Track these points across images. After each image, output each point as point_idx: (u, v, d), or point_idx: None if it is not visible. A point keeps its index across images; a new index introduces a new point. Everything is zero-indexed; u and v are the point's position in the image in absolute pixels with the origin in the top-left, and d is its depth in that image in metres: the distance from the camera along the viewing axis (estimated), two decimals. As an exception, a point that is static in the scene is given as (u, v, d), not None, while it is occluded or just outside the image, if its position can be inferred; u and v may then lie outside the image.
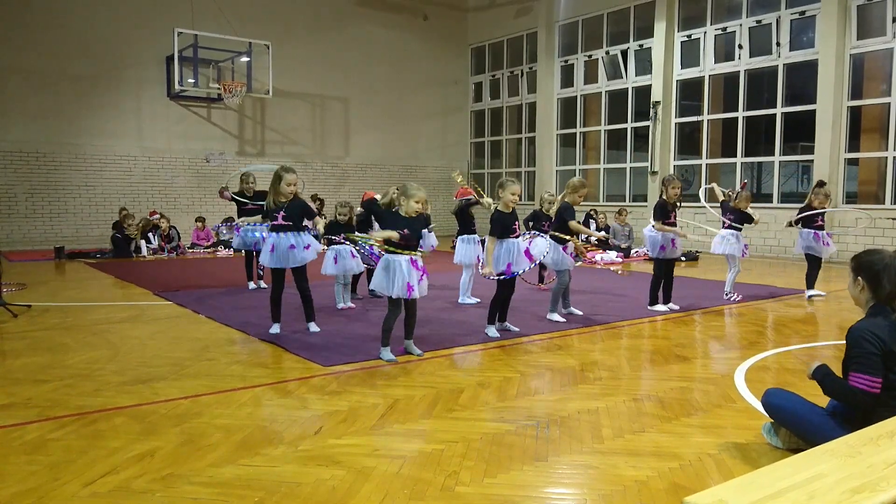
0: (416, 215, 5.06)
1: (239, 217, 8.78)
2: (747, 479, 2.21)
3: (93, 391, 4.31)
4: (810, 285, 8.53)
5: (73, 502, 2.77)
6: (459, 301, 7.77)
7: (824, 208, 8.46)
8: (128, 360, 5.13)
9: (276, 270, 5.99)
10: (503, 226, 5.87)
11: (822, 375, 3.13)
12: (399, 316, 5.13)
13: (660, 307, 7.46)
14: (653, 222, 7.46)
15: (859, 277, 3.15)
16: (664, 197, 7.47)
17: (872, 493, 2.10)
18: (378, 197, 7.70)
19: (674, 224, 7.41)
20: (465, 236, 7.65)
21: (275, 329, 6.01)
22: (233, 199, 8.91)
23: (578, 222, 6.99)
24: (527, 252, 6.09)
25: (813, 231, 8.44)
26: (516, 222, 6.00)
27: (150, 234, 14.11)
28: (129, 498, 2.81)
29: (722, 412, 3.97)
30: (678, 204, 7.56)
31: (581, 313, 7.08)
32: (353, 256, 7.18)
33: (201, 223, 15.15)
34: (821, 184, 8.63)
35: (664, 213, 7.38)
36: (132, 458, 3.22)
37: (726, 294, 8.28)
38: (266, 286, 8.77)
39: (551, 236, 6.86)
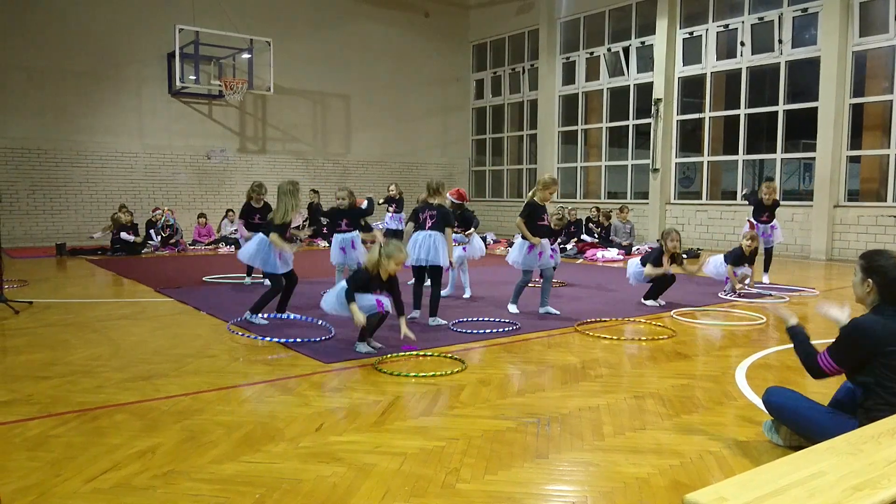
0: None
1: (248, 229, 8.71)
2: (748, 476, 2.21)
3: (94, 388, 4.31)
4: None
5: (74, 498, 2.77)
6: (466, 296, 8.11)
7: (770, 201, 9.25)
8: (129, 357, 5.13)
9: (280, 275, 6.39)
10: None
11: (794, 334, 3.37)
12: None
13: (651, 302, 7.65)
14: (644, 268, 7.73)
15: (869, 279, 3.12)
16: (663, 247, 7.66)
17: (873, 491, 2.10)
18: (365, 204, 7.82)
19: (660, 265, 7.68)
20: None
21: (258, 319, 6.25)
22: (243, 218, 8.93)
23: (545, 222, 6.95)
24: None
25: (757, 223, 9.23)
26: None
27: (153, 231, 14.11)
28: (131, 494, 2.82)
29: (723, 410, 3.97)
30: (681, 255, 7.82)
31: (516, 312, 6.99)
32: (354, 248, 7.14)
33: (203, 220, 15.18)
34: (768, 179, 9.19)
35: (657, 260, 7.64)
36: (133, 454, 3.23)
37: (724, 291, 8.37)
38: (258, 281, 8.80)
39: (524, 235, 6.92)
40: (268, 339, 5.59)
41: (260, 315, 6.27)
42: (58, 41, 14.82)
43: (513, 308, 7.05)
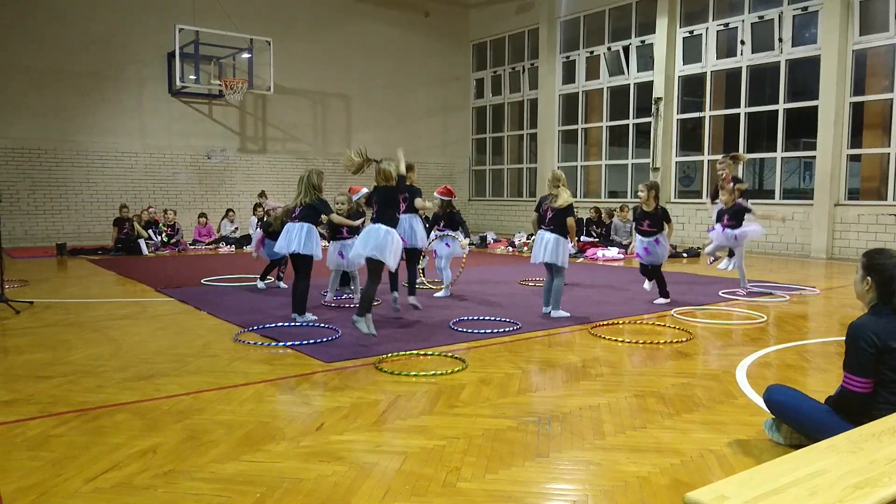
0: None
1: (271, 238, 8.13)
2: (749, 474, 2.21)
3: (95, 387, 4.31)
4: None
5: (75, 498, 2.77)
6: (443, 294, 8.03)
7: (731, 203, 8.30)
8: (130, 357, 5.14)
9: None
10: None
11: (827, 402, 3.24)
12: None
13: (646, 285, 7.91)
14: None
15: (869, 277, 3.12)
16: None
17: (874, 489, 2.10)
18: (365, 190, 7.78)
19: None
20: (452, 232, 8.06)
21: (308, 316, 6.44)
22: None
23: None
24: None
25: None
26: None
27: (152, 231, 14.12)
28: (132, 494, 2.82)
29: (724, 408, 3.97)
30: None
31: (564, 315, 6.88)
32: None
33: (203, 219, 15.19)
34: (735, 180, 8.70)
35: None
36: (134, 454, 3.23)
37: (728, 266, 8.62)
38: (284, 285, 8.66)
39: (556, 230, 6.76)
40: (278, 343, 5.53)
41: (308, 314, 6.43)
42: (58, 41, 14.82)
43: (564, 313, 6.76)
